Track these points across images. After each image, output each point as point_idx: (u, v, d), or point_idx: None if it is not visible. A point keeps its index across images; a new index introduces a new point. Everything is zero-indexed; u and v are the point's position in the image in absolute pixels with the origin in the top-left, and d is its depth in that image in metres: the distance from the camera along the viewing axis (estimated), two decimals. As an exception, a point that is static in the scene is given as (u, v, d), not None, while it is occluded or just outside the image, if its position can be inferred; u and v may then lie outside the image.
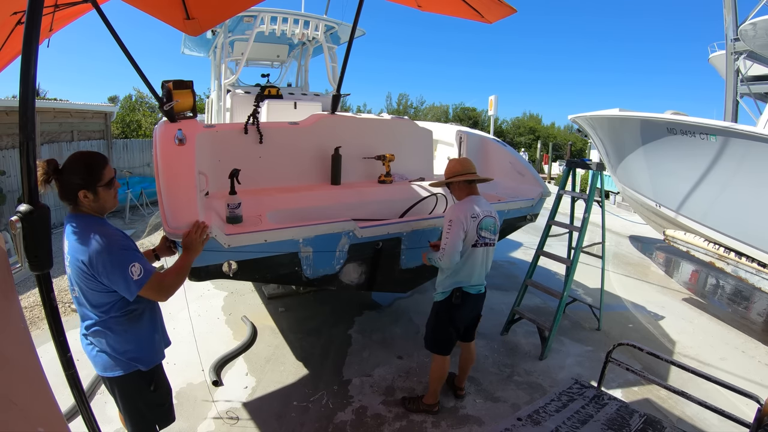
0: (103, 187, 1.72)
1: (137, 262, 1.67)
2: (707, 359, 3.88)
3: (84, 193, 1.68)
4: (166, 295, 1.81)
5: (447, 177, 2.79)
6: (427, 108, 38.30)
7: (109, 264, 1.63)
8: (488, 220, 2.68)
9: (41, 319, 4.13)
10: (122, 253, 1.67)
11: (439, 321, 2.82)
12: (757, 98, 12.82)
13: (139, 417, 1.93)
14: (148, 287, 1.71)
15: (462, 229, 2.57)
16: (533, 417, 2.05)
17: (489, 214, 2.70)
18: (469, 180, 2.73)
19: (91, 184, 1.69)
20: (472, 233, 2.62)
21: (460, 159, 2.84)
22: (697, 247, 4.87)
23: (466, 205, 2.67)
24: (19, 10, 2.65)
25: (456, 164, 2.79)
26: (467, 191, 2.74)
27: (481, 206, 2.69)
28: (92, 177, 1.69)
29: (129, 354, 1.81)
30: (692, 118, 4.54)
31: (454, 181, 2.75)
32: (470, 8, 3.27)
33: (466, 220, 2.59)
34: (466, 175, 2.72)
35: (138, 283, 1.67)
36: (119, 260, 1.65)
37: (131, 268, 1.65)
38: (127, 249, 1.70)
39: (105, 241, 1.64)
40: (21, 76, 1.39)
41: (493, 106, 13.87)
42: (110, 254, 1.64)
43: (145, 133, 18.48)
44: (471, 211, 2.63)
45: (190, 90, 2.89)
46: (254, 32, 5.42)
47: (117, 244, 1.68)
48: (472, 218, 2.61)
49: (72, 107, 9.27)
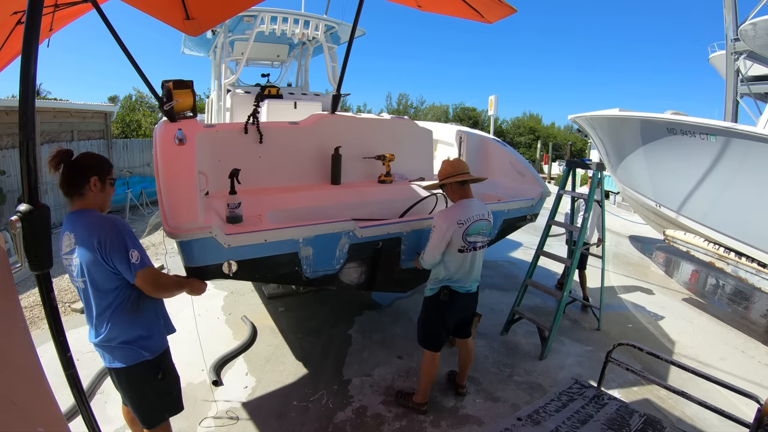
0: (109, 183, 1.88)
1: (137, 250, 1.77)
2: (707, 359, 3.88)
3: (95, 180, 1.80)
4: (156, 292, 1.88)
5: (440, 179, 2.80)
6: (427, 108, 38.31)
7: (116, 242, 1.72)
8: (479, 224, 2.67)
9: (41, 319, 4.12)
10: (128, 236, 1.77)
11: (428, 316, 2.86)
12: (757, 98, 12.82)
13: (149, 407, 1.97)
14: (143, 276, 1.78)
15: (443, 237, 2.61)
16: (533, 417, 2.05)
17: (481, 217, 2.68)
18: (462, 181, 2.72)
19: (102, 174, 1.84)
20: (456, 240, 2.62)
21: (452, 160, 2.82)
22: (697, 247, 4.87)
23: (453, 211, 2.67)
24: (19, 10, 2.65)
25: (447, 166, 2.78)
26: (460, 193, 2.74)
27: (473, 209, 2.67)
28: (104, 169, 1.86)
29: (139, 342, 1.86)
30: (692, 118, 4.54)
31: (447, 183, 2.75)
32: (470, 8, 3.27)
33: (449, 227, 2.59)
34: (459, 175, 2.71)
35: (134, 267, 1.75)
36: (124, 241, 1.74)
37: (131, 252, 1.74)
38: (132, 236, 1.79)
39: (114, 224, 1.76)
40: (21, 75, 1.40)
41: (493, 106, 13.88)
42: (118, 234, 1.74)
43: (145, 133, 18.48)
44: (458, 216, 2.62)
45: (190, 90, 2.89)
46: (254, 32, 5.42)
47: (125, 228, 1.79)
48: (459, 225, 2.60)
49: (72, 107, 9.27)
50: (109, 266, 1.72)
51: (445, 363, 3.35)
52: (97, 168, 1.82)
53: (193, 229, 2.13)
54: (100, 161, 1.87)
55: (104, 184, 1.85)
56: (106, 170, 1.86)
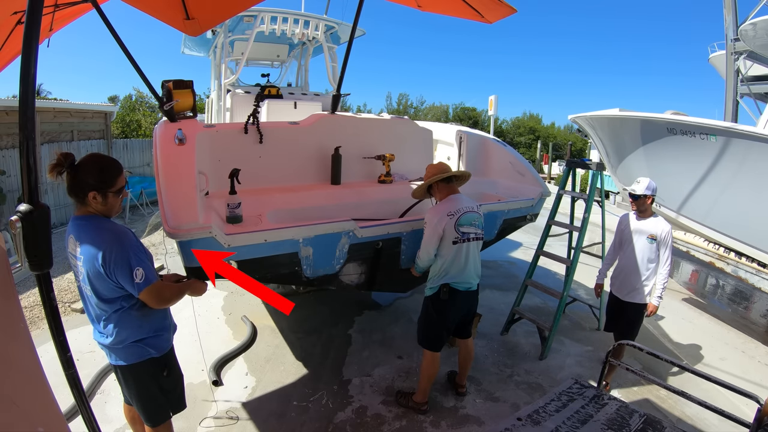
0: (113, 194, 1.77)
1: (141, 267, 1.73)
2: (707, 359, 3.88)
3: (94, 194, 1.71)
4: (160, 305, 1.86)
5: (426, 180, 2.88)
6: (427, 108, 38.34)
7: (121, 260, 1.69)
8: (470, 215, 2.74)
9: (41, 319, 4.12)
10: (132, 253, 1.73)
11: (429, 317, 2.87)
12: (757, 98, 12.80)
13: (154, 403, 1.98)
14: (147, 293, 1.77)
15: (434, 230, 2.68)
16: (533, 417, 2.05)
17: (471, 209, 2.76)
18: (446, 178, 2.81)
19: (102, 188, 1.73)
20: (449, 231, 2.68)
21: (434, 164, 2.96)
22: (697, 247, 4.87)
23: (442, 205, 2.76)
24: (19, 10, 2.65)
25: (431, 168, 2.90)
26: (447, 191, 2.83)
27: (462, 202, 2.76)
28: (106, 181, 1.74)
29: (147, 340, 1.87)
30: (692, 118, 4.54)
31: (433, 182, 2.83)
32: (470, 8, 3.27)
33: (440, 221, 2.67)
34: (442, 174, 2.81)
35: (138, 286, 1.73)
36: (128, 259, 1.70)
37: (135, 272, 1.71)
38: (136, 252, 1.75)
39: (119, 240, 1.72)
40: (21, 76, 1.39)
41: (493, 106, 13.87)
42: (122, 251, 1.70)
43: (145, 133, 18.47)
44: (447, 209, 2.71)
45: (190, 90, 2.89)
46: (254, 32, 5.42)
47: (130, 243, 1.74)
48: (449, 216, 2.67)
49: (72, 107, 9.26)
50: (112, 281, 1.72)
51: (445, 363, 3.35)
52: (97, 182, 1.70)
53: (193, 229, 2.13)
54: (102, 173, 1.73)
55: (106, 197, 1.74)
56: (108, 183, 1.73)
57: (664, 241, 3.08)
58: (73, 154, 1.72)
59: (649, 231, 3.12)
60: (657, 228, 3.11)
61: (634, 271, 3.16)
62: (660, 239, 3.09)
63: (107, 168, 1.76)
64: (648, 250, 3.12)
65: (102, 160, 1.78)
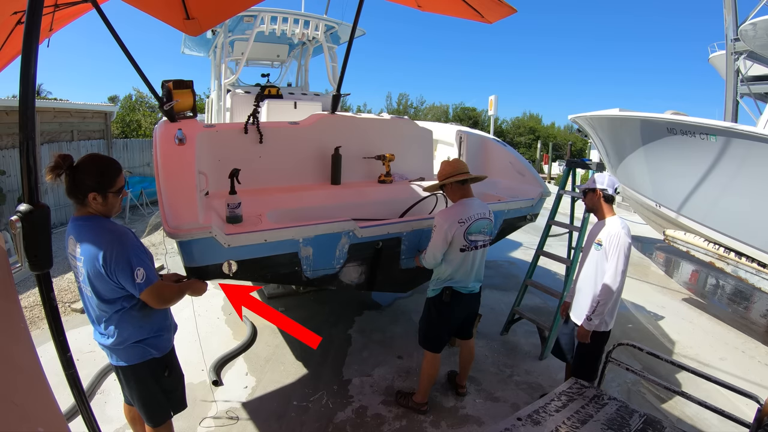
0: (113, 194, 1.77)
1: (142, 267, 1.73)
2: (707, 359, 3.88)
3: (94, 195, 1.71)
4: (161, 305, 1.86)
5: (440, 180, 2.80)
6: (427, 108, 38.34)
7: (121, 260, 1.69)
8: (480, 222, 2.67)
9: (41, 319, 4.12)
10: (133, 253, 1.72)
11: (431, 318, 2.86)
12: (757, 98, 12.80)
13: (156, 403, 1.99)
14: (148, 293, 1.77)
15: (444, 236, 2.61)
16: (533, 417, 2.05)
17: (482, 216, 2.69)
18: (462, 180, 2.73)
19: (102, 189, 1.73)
20: (458, 239, 2.62)
21: (451, 161, 2.83)
22: (697, 247, 4.87)
23: (454, 210, 2.68)
24: (19, 10, 2.65)
25: (447, 166, 2.79)
26: (461, 193, 2.75)
27: (474, 208, 2.68)
28: (105, 182, 1.73)
29: (146, 342, 1.88)
30: (692, 118, 4.53)
31: (447, 183, 2.76)
32: (470, 8, 3.26)
33: (450, 227, 2.60)
34: (458, 175, 2.72)
35: (140, 286, 1.73)
36: (129, 259, 1.70)
37: (136, 272, 1.71)
38: (137, 252, 1.75)
39: (119, 240, 1.71)
40: (21, 75, 1.39)
41: (493, 106, 13.88)
42: (123, 251, 1.69)
43: (145, 133, 18.47)
44: (459, 216, 2.63)
45: (190, 90, 2.90)
46: (254, 32, 5.42)
47: (130, 243, 1.74)
48: (459, 223, 2.60)
49: (72, 107, 9.25)
50: (113, 282, 1.71)
51: (445, 363, 3.36)
52: (96, 182, 1.70)
53: (193, 229, 2.13)
54: (101, 174, 1.72)
55: (105, 198, 1.73)
56: (107, 184, 1.73)
57: (609, 246, 2.45)
58: (71, 155, 1.70)
59: (598, 235, 2.58)
60: (605, 231, 2.53)
61: (583, 285, 2.66)
62: (605, 245, 2.48)
63: (106, 168, 1.76)
64: (597, 258, 2.55)
65: (101, 161, 1.77)
